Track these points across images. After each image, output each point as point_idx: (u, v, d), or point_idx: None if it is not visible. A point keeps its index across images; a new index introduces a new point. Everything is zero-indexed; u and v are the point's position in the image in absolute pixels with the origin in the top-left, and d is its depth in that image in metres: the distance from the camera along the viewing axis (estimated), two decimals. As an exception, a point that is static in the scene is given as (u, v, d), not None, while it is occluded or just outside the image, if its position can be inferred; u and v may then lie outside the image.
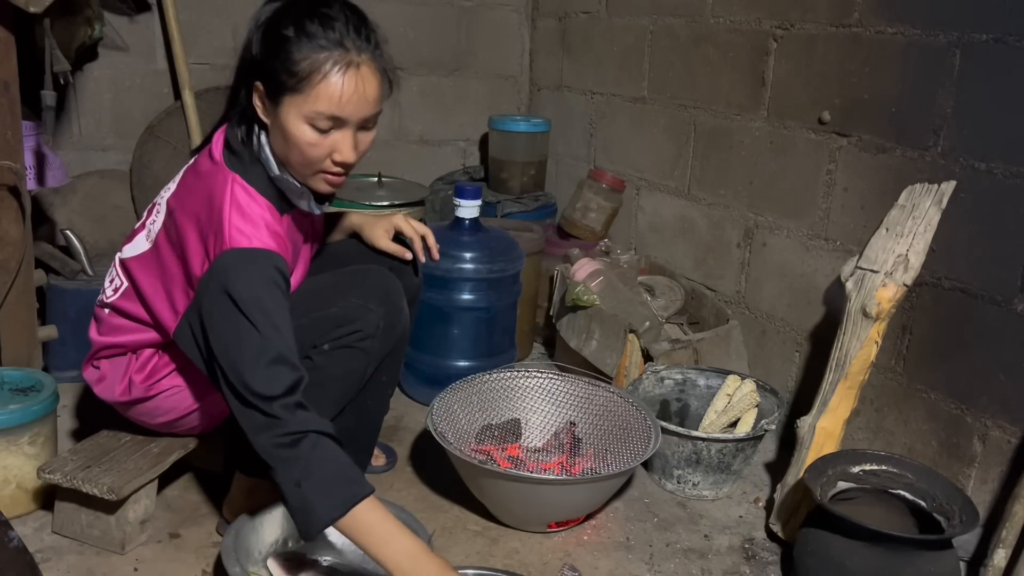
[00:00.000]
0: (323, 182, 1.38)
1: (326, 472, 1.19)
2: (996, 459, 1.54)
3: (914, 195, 1.58)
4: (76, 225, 2.27)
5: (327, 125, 1.30)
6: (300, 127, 1.29)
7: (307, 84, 1.27)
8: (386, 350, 1.50)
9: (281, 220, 1.38)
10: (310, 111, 1.28)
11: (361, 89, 1.29)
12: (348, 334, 1.43)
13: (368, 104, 1.31)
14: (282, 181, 1.37)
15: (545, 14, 3.01)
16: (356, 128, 1.33)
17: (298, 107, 1.28)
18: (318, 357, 1.44)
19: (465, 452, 1.61)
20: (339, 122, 1.30)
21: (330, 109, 1.28)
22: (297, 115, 1.29)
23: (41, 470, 1.46)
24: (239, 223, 1.29)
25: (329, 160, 1.34)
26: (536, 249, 2.40)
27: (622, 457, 1.67)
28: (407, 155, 3.01)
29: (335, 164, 1.34)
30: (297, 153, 1.32)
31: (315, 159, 1.33)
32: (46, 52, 1.79)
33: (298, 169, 1.36)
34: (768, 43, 2.01)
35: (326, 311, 1.45)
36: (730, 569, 1.57)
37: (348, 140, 1.32)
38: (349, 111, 1.29)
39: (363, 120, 1.33)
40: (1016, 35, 1.46)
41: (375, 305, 1.45)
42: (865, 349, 1.55)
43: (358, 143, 1.35)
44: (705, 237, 2.30)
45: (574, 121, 2.87)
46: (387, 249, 1.63)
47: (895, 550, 1.33)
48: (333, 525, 1.18)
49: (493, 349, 2.17)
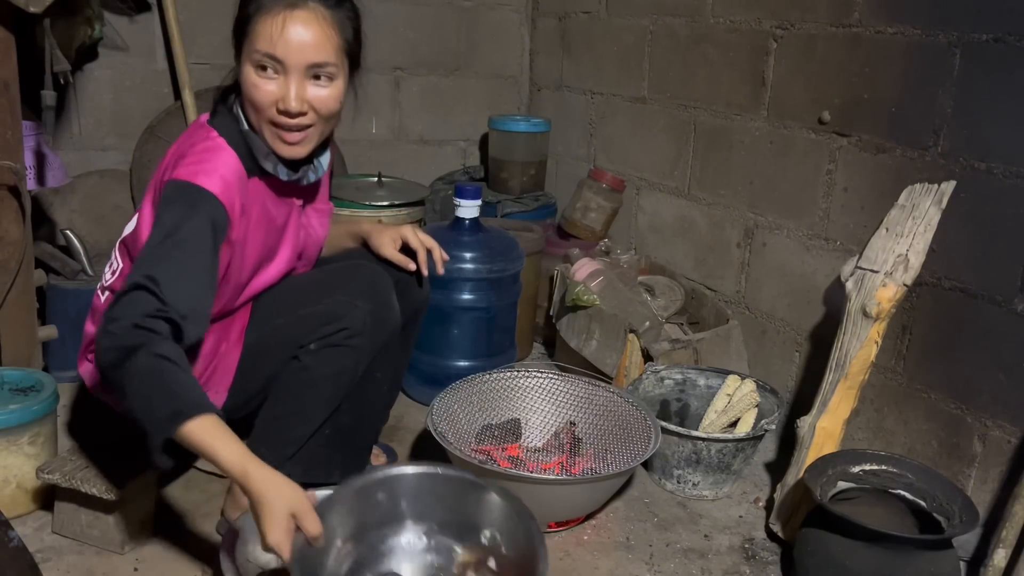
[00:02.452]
0: (277, 139, 1.37)
1: (158, 388, 1.12)
2: (996, 459, 1.54)
3: (914, 195, 1.58)
4: (76, 225, 2.27)
5: (267, 65, 1.31)
6: (247, 70, 1.33)
7: (251, 25, 1.31)
8: (377, 346, 1.48)
9: (248, 180, 1.38)
10: (252, 51, 1.31)
11: (302, 32, 1.30)
12: (335, 332, 1.42)
13: (310, 49, 1.31)
14: (249, 136, 1.38)
15: (545, 14, 3.01)
16: (303, 76, 1.33)
17: (247, 53, 1.32)
18: (306, 357, 1.43)
19: (465, 452, 1.61)
20: (280, 65, 1.31)
21: (266, 47, 1.29)
22: (246, 60, 1.32)
23: (40, 470, 1.46)
24: (193, 161, 1.31)
25: (274, 108, 1.33)
26: (536, 249, 2.40)
27: (622, 457, 1.67)
28: (407, 155, 3.01)
29: (279, 113, 1.33)
30: (248, 102, 1.35)
31: (260, 104, 1.33)
32: (46, 52, 1.79)
33: (255, 123, 1.37)
34: (768, 43, 2.01)
35: (312, 308, 1.44)
36: (730, 569, 1.57)
37: (291, 87, 1.32)
38: (285, 52, 1.29)
39: (308, 67, 1.32)
40: (1016, 35, 1.46)
41: (362, 301, 1.44)
42: (865, 349, 1.55)
43: (304, 92, 1.33)
44: (705, 237, 2.30)
45: (574, 121, 2.87)
46: (391, 258, 1.62)
47: (895, 550, 1.33)
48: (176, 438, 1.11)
49: (493, 349, 2.17)
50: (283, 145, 1.38)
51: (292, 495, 1.11)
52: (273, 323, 1.47)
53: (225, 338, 1.47)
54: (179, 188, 1.29)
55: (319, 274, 1.55)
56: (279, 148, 1.38)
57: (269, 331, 1.47)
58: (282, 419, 1.47)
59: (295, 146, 1.39)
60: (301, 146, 1.39)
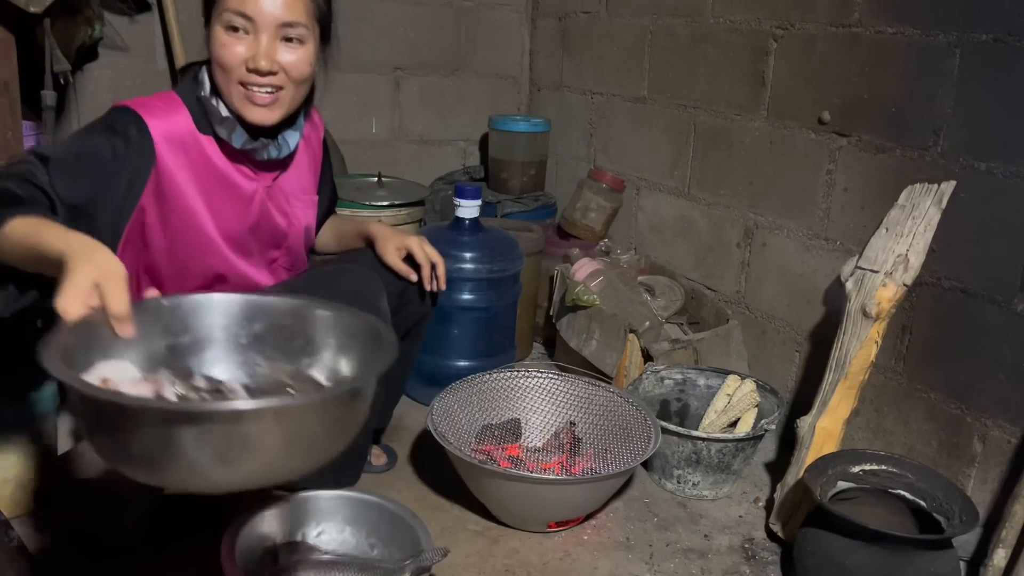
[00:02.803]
0: (245, 100, 1.36)
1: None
2: (996, 459, 1.54)
3: (914, 195, 1.58)
4: (76, 225, 2.26)
5: (238, 25, 1.31)
6: (217, 32, 1.33)
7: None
8: None
9: (199, 136, 1.38)
10: (221, 11, 1.31)
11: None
12: None
13: (281, 7, 1.32)
14: (206, 101, 1.38)
15: (545, 14, 3.01)
16: (274, 36, 1.33)
17: (217, 13, 1.32)
18: None
19: (465, 452, 1.61)
20: (250, 23, 1.31)
21: (236, 5, 1.30)
22: (216, 23, 1.33)
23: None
24: (144, 99, 1.34)
25: (244, 68, 1.33)
26: (536, 249, 2.40)
27: (622, 457, 1.67)
28: (407, 155, 3.01)
29: (248, 72, 1.33)
30: (217, 65, 1.34)
31: (229, 63, 1.33)
32: (46, 52, 1.79)
33: (221, 85, 1.36)
34: (768, 43, 2.01)
35: None
36: (730, 569, 1.57)
37: (262, 44, 1.32)
38: (256, 9, 1.30)
39: (279, 25, 1.33)
40: (1016, 35, 1.46)
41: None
42: (865, 349, 1.55)
43: (275, 51, 1.34)
44: (705, 237, 2.30)
45: (574, 121, 2.87)
46: (394, 267, 1.59)
47: (895, 550, 1.33)
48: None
49: (493, 349, 2.17)
50: (252, 107, 1.36)
51: (108, 264, 0.91)
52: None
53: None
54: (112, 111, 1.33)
55: (304, 282, 1.52)
56: (248, 111, 1.37)
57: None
58: None
59: (265, 108, 1.37)
60: (270, 109, 1.37)
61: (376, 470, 1.80)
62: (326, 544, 1.42)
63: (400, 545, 1.40)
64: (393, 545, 1.41)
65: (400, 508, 1.42)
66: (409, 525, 1.39)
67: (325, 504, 1.44)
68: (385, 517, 1.43)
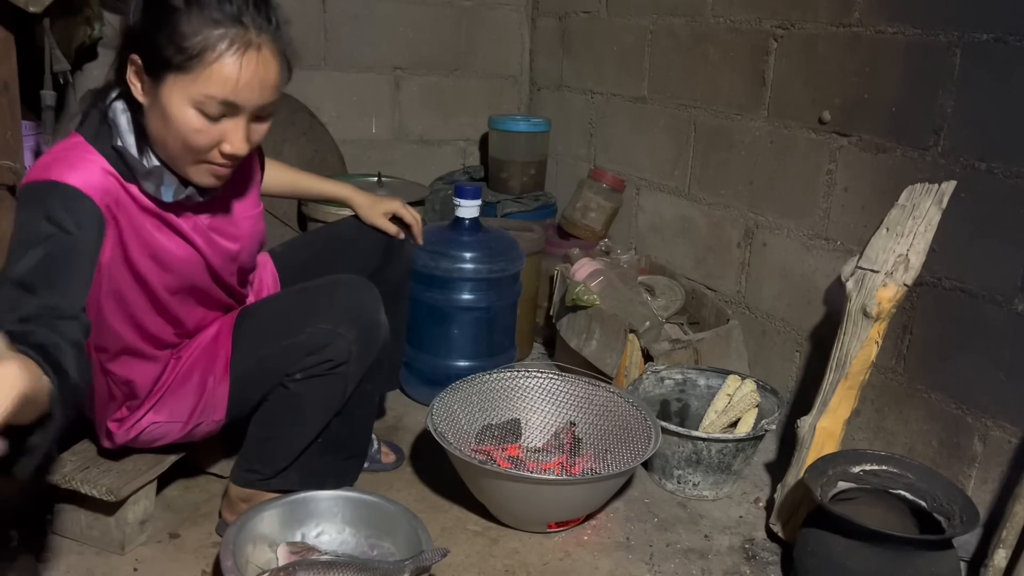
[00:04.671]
0: (207, 174, 1.24)
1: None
2: (996, 459, 1.54)
3: (914, 195, 1.58)
4: (76, 225, 2.26)
5: (218, 111, 1.16)
6: (185, 111, 1.15)
7: (198, 63, 1.12)
8: (365, 367, 1.45)
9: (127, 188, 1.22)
10: (199, 94, 1.14)
11: (261, 73, 1.16)
12: (320, 363, 1.37)
13: (266, 91, 1.18)
14: (124, 152, 1.21)
15: (545, 14, 3.01)
16: (251, 117, 1.20)
17: (184, 88, 1.14)
18: (293, 385, 1.40)
19: (465, 452, 1.61)
20: (232, 109, 1.17)
21: (223, 94, 1.14)
22: (183, 97, 1.15)
23: (41, 470, 1.46)
24: (49, 160, 1.16)
25: (216, 151, 1.20)
26: (536, 249, 2.40)
27: (622, 457, 1.67)
28: (407, 155, 3.01)
29: (223, 156, 1.21)
30: (177, 140, 1.18)
31: (200, 148, 1.19)
32: (46, 52, 1.79)
33: (177, 156, 1.21)
34: (768, 43, 2.01)
35: (295, 339, 1.37)
36: (730, 569, 1.57)
37: (240, 130, 1.19)
38: (245, 97, 1.16)
39: (259, 108, 1.20)
40: (1016, 35, 1.46)
41: (345, 328, 1.37)
42: (865, 349, 1.55)
43: (251, 133, 1.21)
44: (705, 237, 2.30)
45: (574, 121, 2.87)
46: (385, 229, 1.68)
47: (895, 550, 1.33)
48: None
49: (493, 349, 2.17)
50: (210, 178, 1.25)
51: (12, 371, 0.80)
52: (257, 355, 1.41)
53: (211, 372, 1.42)
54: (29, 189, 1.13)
55: (299, 297, 1.46)
56: (203, 180, 1.25)
57: (254, 363, 1.41)
58: (272, 440, 1.46)
59: (215, 179, 1.26)
60: (221, 178, 1.27)
61: (385, 468, 1.80)
62: (326, 544, 1.42)
63: (400, 545, 1.40)
64: (393, 545, 1.41)
65: (399, 508, 1.42)
66: (409, 525, 1.39)
67: (325, 504, 1.45)
68: (385, 517, 1.43)
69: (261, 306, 1.50)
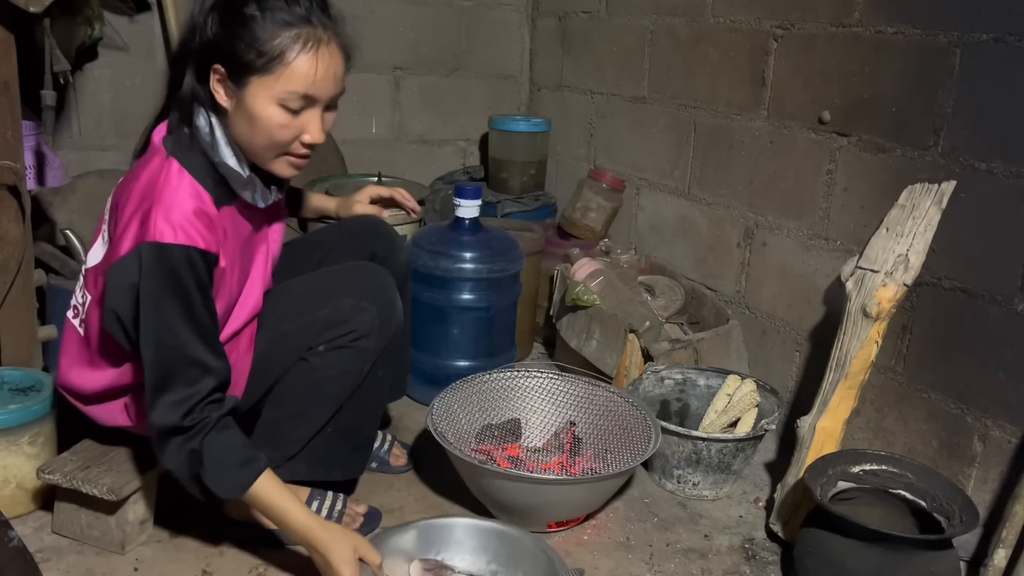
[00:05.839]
0: (288, 165, 1.35)
1: (221, 459, 1.28)
2: (996, 459, 1.54)
3: (914, 195, 1.58)
4: (76, 225, 2.26)
5: (299, 105, 1.27)
6: (270, 109, 1.26)
7: (278, 64, 1.24)
8: (382, 346, 1.49)
9: (220, 212, 1.32)
10: (282, 91, 1.25)
11: (333, 66, 1.28)
12: (343, 335, 1.43)
13: (337, 82, 1.30)
14: (225, 168, 1.32)
15: (545, 14, 3.01)
16: (323, 108, 1.31)
17: (268, 88, 1.25)
18: (314, 359, 1.44)
19: (465, 452, 1.61)
20: (310, 101, 1.28)
21: (304, 88, 1.25)
22: (267, 96, 1.26)
23: (40, 470, 1.46)
24: (165, 212, 1.24)
25: (298, 142, 1.31)
26: (536, 249, 2.40)
27: (622, 457, 1.67)
28: (407, 155, 3.01)
29: (304, 146, 1.32)
30: (264, 136, 1.29)
31: (284, 141, 1.30)
32: (46, 52, 1.79)
33: (262, 153, 1.32)
34: (768, 43, 2.01)
35: (318, 313, 1.44)
36: (730, 569, 1.57)
37: (317, 120, 1.31)
38: (321, 89, 1.28)
39: (332, 98, 1.32)
40: (1016, 35, 1.46)
41: (368, 303, 1.45)
42: (865, 349, 1.55)
43: (325, 123, 1.34)
44: (705, 237, 2.30)
45: (574, 121, 2.87)
46: (366, 211, 1.73)
47: (895, 550, 1.33)
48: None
49: (493, 349, 2.17)
50: (291, 170, 1.36)
51: (352, 537, 1.30)
52: (281, 330, 1.46)
53: (235, 349, 1.44)
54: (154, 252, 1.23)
55: (322, 277, 1.55)
56: (284, 172, 1.36)
57: (278, 338, 1.46)
58: (287, 420, 1.48)
59: (296, 170, 1.38)
60: (301, 169, 1.38)
61: (391, 471, 1.80)
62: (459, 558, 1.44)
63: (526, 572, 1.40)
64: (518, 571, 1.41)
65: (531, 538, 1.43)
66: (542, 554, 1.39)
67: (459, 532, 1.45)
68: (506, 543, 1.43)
69: (284, 288, 1.54)
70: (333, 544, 1.27)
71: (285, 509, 1.29)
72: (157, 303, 1.24)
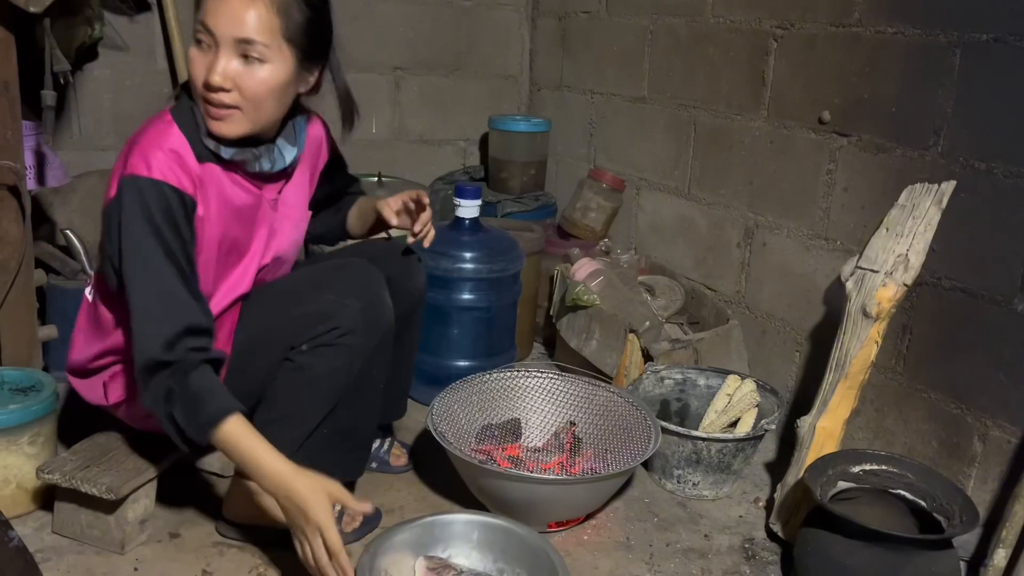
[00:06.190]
0: (207, 115, 1.34)
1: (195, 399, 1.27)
2: (996, 459, 1.54)
3: (914, 195, 1.58)
4: (76, 225, 2.26)
5: (203, 38, 1.29)
6: (191, 47, 1.33)
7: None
8: (371, 344, 1.46)
9: (202, 166, 1.35)
10: (195, 23, 1.30)
11: (241, 6, 1.27)
12: (326, 331, 1.41)
13: (238, 24, 1.27)
14: (197, 113, 1.36)
15: (545, 14, 3.01)
16: (232, 52, 1.29)
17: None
18: (299, 358, 1.42)
19: (465, 452, 1.61)
20: (211, 37, 1.28)
21: (201, 16, 1.29)
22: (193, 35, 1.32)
23: (40, 470, 1.46)
24: (143, 150, 1.30)
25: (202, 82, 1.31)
26: (536, 249, 2.40)
27: (622, 457, 1.67)
28: (407, 155, 3.01)
29: (207, 88, 1.31)
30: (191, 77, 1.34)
31: (194, 78, 1.32)
32: (46, 52, 1.79)
33: (198, 101, 1.35)
34: (768, 43, 2.01)
35: (302, 308, 1.43)
36: (730, 569, 1.57)
37: (217, 59, 1.29)
38: (215, 22, 1.27)
39: (236, 41, 1.28)
40: (1016, 35, 1.46)
41: (352, 299, 1.43)
42: (865, 349, 1.55)
43: (227, 69, 1.29)
44: (705, 237, 2.30)
45: (574, 121, 2.87)
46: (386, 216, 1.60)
47: (895, 550, 1.33)
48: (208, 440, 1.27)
49: (493, 349, 2.17)
50: (212, 121, 1.35)
51: (326, 483, 1.26)
52: (262, 324, 1.45)
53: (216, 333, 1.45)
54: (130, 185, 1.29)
55: (307, 274, 1.53)
56: (209, 124, 1.35)
57: (259, 333, 1.45)
58: (278, 421, 1.46)
59: (219, 122, 1.34)
60: (225, 124, 1.34)
61: (391, 471, 1.79)
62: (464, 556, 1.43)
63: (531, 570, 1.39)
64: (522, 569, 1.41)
65: (535, 536, 1.42)
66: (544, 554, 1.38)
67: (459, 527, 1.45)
68: (517, 543, 1.42)
69: (269, 285, 1.53)
70: (309, 491, 1.23)
71: (257, 455, 1.25)
72: (137, 238, 1.28)
